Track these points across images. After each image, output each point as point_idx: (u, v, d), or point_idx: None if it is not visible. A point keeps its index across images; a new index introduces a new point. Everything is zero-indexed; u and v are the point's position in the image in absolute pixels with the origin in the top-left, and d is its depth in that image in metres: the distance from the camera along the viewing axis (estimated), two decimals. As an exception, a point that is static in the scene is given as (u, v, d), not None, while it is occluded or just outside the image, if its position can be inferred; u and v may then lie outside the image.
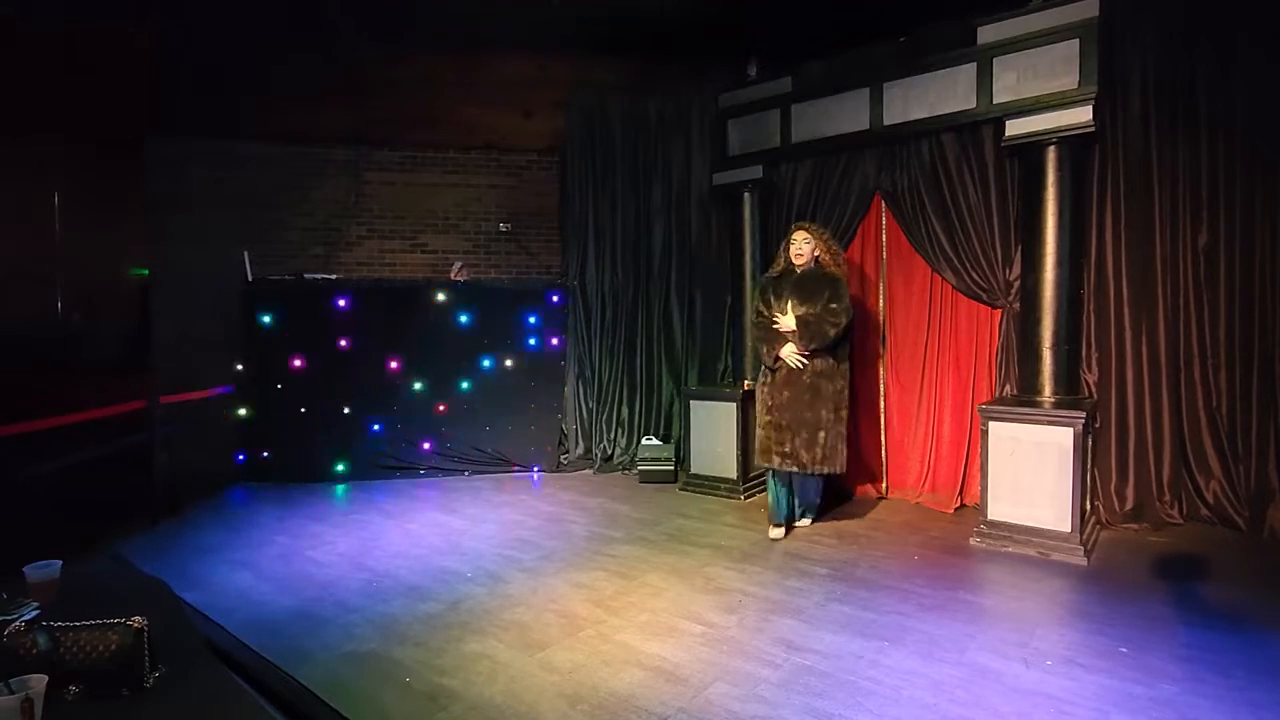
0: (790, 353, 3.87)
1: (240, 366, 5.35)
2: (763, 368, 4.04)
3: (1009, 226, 4.17)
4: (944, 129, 4.26)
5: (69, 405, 3.84)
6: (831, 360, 3.91)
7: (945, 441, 4.52)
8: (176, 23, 4.39)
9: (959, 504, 4.39)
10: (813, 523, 4.18)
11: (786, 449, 3.86)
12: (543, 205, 6.44)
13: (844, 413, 3.95)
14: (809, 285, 3.94)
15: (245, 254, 5.31)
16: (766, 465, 3.98)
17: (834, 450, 3.88)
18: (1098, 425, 3.94)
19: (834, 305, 3.84)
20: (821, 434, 3.84)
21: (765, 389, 4.00)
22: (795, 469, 3.87)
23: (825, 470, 3.88)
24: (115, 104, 4.43)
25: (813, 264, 3.99)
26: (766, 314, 4.02)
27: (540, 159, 6.39)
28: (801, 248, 3.98)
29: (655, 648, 2.68)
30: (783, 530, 3.99)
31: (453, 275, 5.89)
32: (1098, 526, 3.92)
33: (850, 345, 4.07)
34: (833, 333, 3.82)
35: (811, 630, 2.80)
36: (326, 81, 5.27)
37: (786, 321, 3.91)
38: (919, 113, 4.28)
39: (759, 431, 4.04)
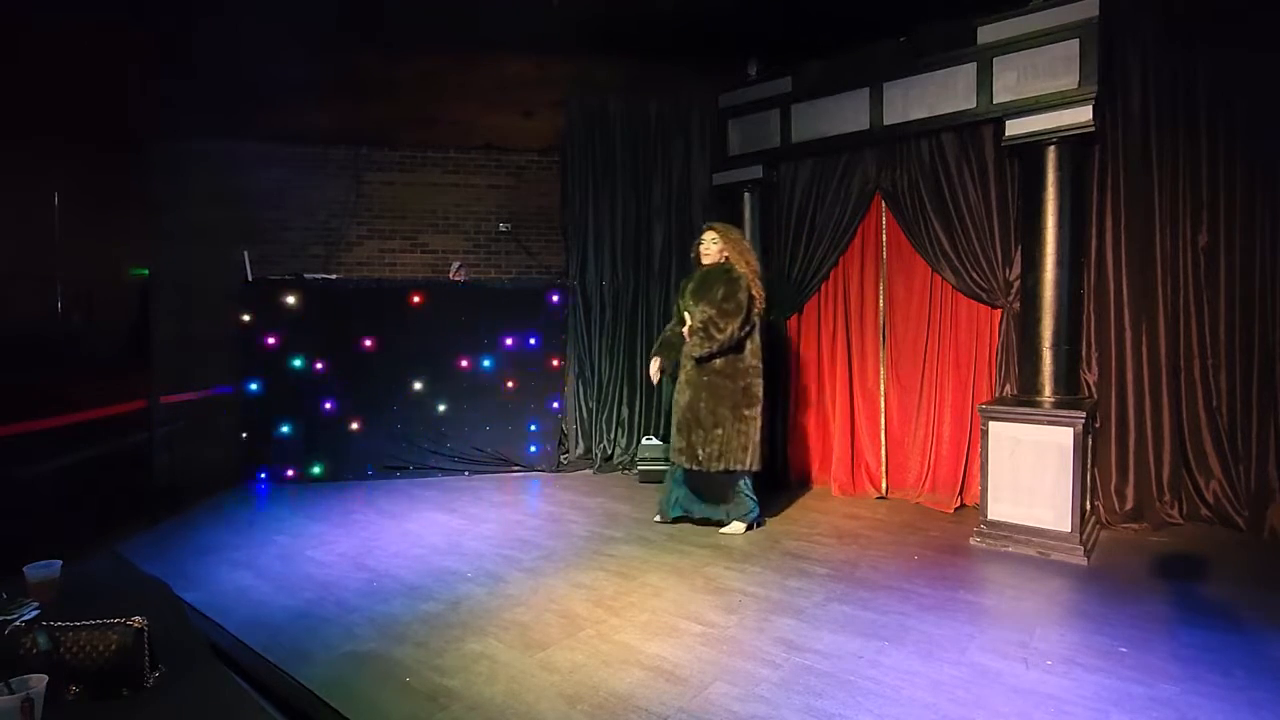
0: (654, 371, 4.10)
1: (239, 366, 5.34)
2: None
3: (1009, 226, 4.17)
4: (944, 129, 4.26)
5: (69, 405, 3.84)
6: (732, 357, 3.89)
7: (945, 441, 4.52)
8: (177, 22, 4.38)
9: (959, 504, 4.39)
10: (748, 529, 3.99)
11: (683, 444, 3.94)
12: (543, 205, 6.44)
13: (752, 411, 3.90)
14: (705, 282, 3.94)
15: (245, 254, 5.31)
16: (674, 461, 4.07)
17: (734, 448, 3.85)
18: (1098, 425, 3.94)
19: (726, 305, 3.79)
20: (719, 431, 3.85)
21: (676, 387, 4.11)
22: (693, 466, 3.92)
23: (721, 467, 3.87)
24: (115, 104, 4.43)
25: (720, 261, 3.96)
26: (678, 314, 4.08)
27: (540, 159, 6.40)
28: (709, 248, 3.98)
29: (655, 648, 2.68)
30: (664, 520, 4.12)
31: (451, 275, 5.89)
32: (1098, 526, 3.92)
33: (758, 341, 3.99)
34: (719, 337, 3.78)
35: (811, 630, 2.80)
36: (326, 81, 5.27)
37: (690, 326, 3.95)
38: (919, 113, 4.28)
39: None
